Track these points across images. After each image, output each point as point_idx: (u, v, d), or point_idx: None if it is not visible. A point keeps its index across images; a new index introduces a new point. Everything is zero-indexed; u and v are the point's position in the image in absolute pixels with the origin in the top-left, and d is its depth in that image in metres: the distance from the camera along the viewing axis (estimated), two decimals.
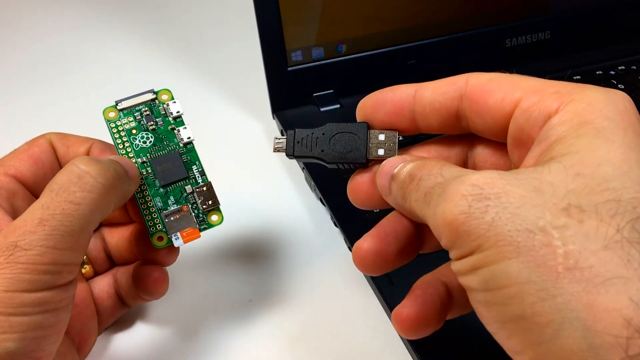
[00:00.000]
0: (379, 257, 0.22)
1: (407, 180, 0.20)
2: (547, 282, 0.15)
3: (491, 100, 0.20)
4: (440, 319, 0.23)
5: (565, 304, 0.14)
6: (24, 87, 0.51)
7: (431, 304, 0.22)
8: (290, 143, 0.23)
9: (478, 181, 0.17)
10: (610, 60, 0.46)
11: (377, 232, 0.23)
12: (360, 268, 0.23)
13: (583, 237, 0.15)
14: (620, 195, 0.16)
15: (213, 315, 0.31)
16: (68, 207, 0.21)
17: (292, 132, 0.23)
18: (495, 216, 0.16)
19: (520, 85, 0.20)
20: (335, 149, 0.23)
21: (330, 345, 0.30)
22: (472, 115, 0.21)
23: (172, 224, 0.27)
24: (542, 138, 0.18)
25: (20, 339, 0.19)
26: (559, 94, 0.19)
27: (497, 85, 0.20)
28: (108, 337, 0.30)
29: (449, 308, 0.23)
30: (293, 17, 0.40)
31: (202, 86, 0.50)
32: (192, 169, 0.28)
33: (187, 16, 0.60)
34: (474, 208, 0.16)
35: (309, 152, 0.23)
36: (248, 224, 0.37)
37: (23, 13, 0.62)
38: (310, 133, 0.23)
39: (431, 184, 0.19)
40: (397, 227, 0.23)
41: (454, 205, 0.17)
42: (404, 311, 0.22)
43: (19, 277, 0.19)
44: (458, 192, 0.17)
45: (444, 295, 0.23)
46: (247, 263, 0.34)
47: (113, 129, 0.28)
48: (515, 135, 0.20)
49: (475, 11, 0.44)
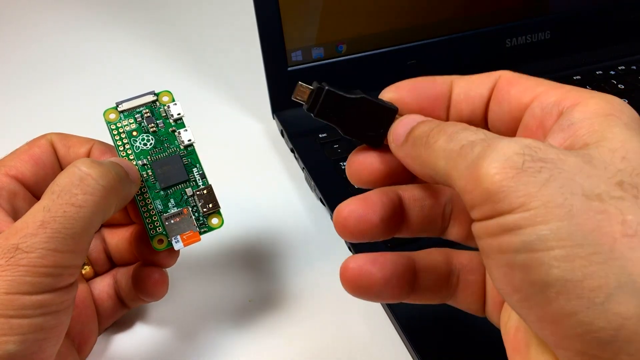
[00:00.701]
0: (361, 222, 0.22)
1: (436, 130, 0.19)
2: (603, 246, 0.14)
3: (513, 90, 0.21)
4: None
5: (621, 268, 0.14)
6: (24, 87, 0.51)
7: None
8: (315, 100, 0.21)
9: (533, 143, 0.16)
10: (610, 60, 0.46)
11: (362, 197, 0.22)
12: (341, 231, 0.22)
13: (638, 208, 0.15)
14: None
15: (213, 316, 0.31)
16: (69, 209, 0.21)
17: (323, 89, 0.21)
18: (549, 177, 0.15)
19: (543, 83, 0.20)
20: (357, 123, 0.22)
21: (330, 345, 0.30)
22: (493, 104, 0.21)
23: (173, 226, 0.27)
24: (564, 126, 0.18)
25: (21, 341, 0.19)
26: (577, 91, 0.19)
27: (523, 80, 0.21)
28: (108, 337, 0.30)
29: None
30: (293, 17, 0.40)
31: (202, 86, 0.50)
32: (192, 172, 0.28)
33: (188, 16, 0.60)
34: (527, 165, 0.16)
35: (331, 116, 0.22)
36: (248, 224, 0.37)
37: (23, 13, 0.61)
38: (340, 98, 0.21)
39: (472, 138, 0.17)
40: (383, 198, 0.22)
41: (505, 159, 0.16)
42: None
43: (20, 280, 0.19)
44: (511, 148, 0.16)
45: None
46: (247, 263, 0.34)
47: (113, 131, 0.28)
48: (526, 123, 0.20)
49: (475, 11, 0.44)
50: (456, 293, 0.23)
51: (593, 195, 0.15)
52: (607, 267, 0.14)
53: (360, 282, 0.22)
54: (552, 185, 0.15)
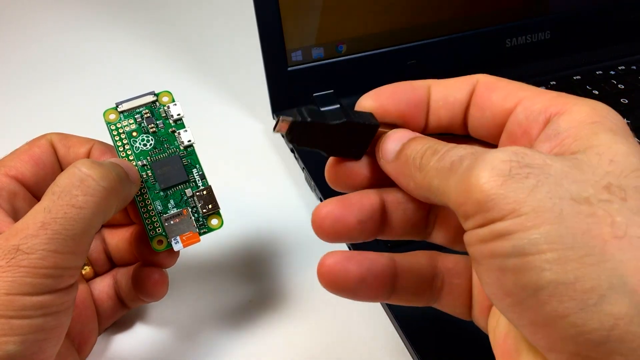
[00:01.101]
0: (339, 223, 0.21)
1: (429, 152, 0.19)
2: (594, 248, 0.15)
3: (494, 96, 0.21)
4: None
5: (613, 270, 0.14)
6: (24, 87, 0.51)
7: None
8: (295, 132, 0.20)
9: (519, 150, 0.16)
10: (610, 60, 0.46)
11: (342, 198, 0.22)
12: (318, 231, 0.22)
13: (628, 211, 0.15)
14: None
15: (213, 316, 0.31)
16: (70, 210, 0.21)
17: (301, 123, 0.20)
18: (537, 183, 0.16)
19: (525, 88, 0.20)
20: (339, 144, 0.22)
21: (330, 345, 0.30)
22: (473, 110, 0.21)
23: (172, 227, 0.27)
24: (550, 135, 0.18)
25: (21, 341, 0.19)
26: (562, 97, 0.19)
27: (503, 84, 0.21)
28: (108, 338, 0.30)
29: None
30: (293, 17, 0.40)
31: (202, 86, 0.50)
32: (192, 172, 0.28)
33: (188, 16, 0.60)
34: (514, 172, 0.16)
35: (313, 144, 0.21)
36: (248, 224, 0.37)
37: (23, 13, 0.61)
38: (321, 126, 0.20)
39: (461, 153, 0.18)
40: (363, 200, 0.22)
41: (492, 168, 0.16)
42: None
43: (21, 281, 0.19)
44: (497, 158, 0.16)
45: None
46: (247, 263, 0.34)
47: (113, 131, 0.28)
48: (511, 131, 0.20)
49: (475, 11, 0.44)
50: (441, 296, 0.23)
51: (581, 198, 0.15)
52: (599, 269, 0.14)
53: (335, 278, 0.22)
54: (540, 190, 0.15)
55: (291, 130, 0.20)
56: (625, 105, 0.41)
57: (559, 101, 0.19)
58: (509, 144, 0.21)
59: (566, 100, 0.19)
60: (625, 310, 0.14)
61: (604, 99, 0.42)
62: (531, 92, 0.20)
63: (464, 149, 0.18)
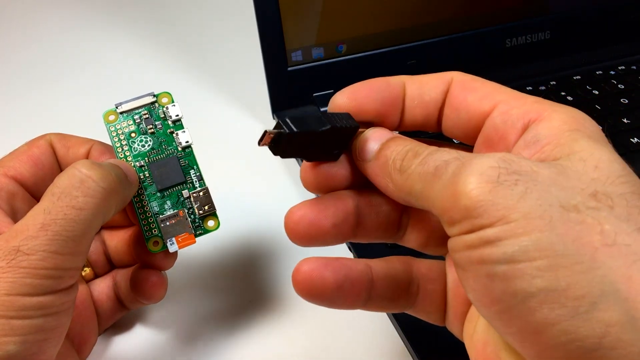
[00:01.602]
0: (313, 227, 0.21)
1: (410, 154, 0.19)
2: (584, 255, 0.15)
3: (470, 98, 0.20)
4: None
5: (604, 277, 0.14)
6: (24, 87, 0.51)
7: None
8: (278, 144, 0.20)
9: (506, 156, 0.16)
10: (610, 60, 0.46)
11: (315, 202, 0.21)
12: (291, 235, 0.21)
13: (616, 219, 0.15)
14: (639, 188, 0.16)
15: (213, 317, 0.31)
16: (70, 212, 0.21)
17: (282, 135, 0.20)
18: (526, 190, 0.15)
19: (501, 90, 0.20)
20: (319, 148, 0.21)
21: (330, 345, 0.30)
22: (448, 111, 0.21)
23: (168, 229, 0.27)
24: (529, 142, 0.18)
25: (21, 342, 0.19)
26: (540, 103, 0.19)
27: (479, 85, 0.21)
28: (108, 338, 0.30)
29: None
30: (293, 17, 0.40)
31: (202, 86, 0.50)
32: (189, 173, 0.28)
33: (188, 16, 0.60)
34: (503, 179, 0.16)
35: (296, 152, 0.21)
36: (248, 224, 0.37)
37: (23, 13, 0.61)
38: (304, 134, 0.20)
39: (446, 158, 0.18)
40: (337, 203, 0.21)
41: (480, 174, 0.16)
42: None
43: (21, 282, 0.19)
44: (485, 164, 0.16)
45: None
46: (247, 263, 0.34)
47: (112, 132, 0.28)
48: (487, 134, 0.20)
49: (475, 11, 0.44)
50: (416, 302, 0.23)
51: (570, 206, 0.15)
52: (590, 276, 0.14)
53: (311, 285, 0.21)
54: (530, 197, 0.15)
55: (277, 143, 0.20)
56: (625, 105, 0.41)
57: (537, 107, 0.19)
58: (485, 148, 0.20)
59: (544, 107, 0.19)
60: (617, 317, 0.14)
61: (603, 99, 0.42)
62: (508, 96, 0.20)
63: (448, 153, 0.18)
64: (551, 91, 0.43)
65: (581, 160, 0.17)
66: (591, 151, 0.17)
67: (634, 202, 0.16)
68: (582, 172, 0.16)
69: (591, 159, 0.17)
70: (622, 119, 0.40)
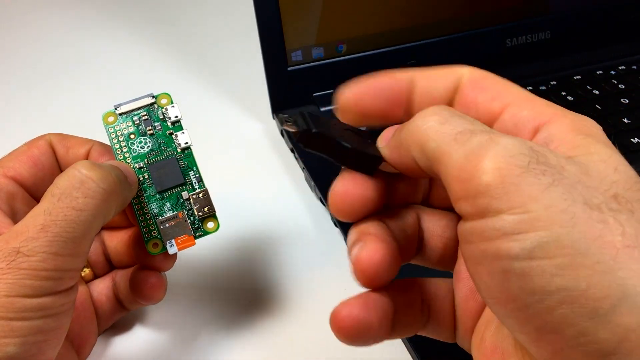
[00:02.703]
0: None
1: (429, 111, 0.18)
2: (606, 255, 0.14)
3: (481, 97, 0.20)
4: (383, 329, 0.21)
5: (626, 279, 0.14)
6: (24, 87, 0.51)
7: (381, 311, 0.20)
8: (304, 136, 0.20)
9: (536, 146, 0.16)
10: (610, 60, 0.46)
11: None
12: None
13: (637, 222, 0.15)
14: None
15: (213, 317, 0.31)
16: (70, 213, 0.21)
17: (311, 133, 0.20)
18: (553, 182, 0.15)
19: (512, 91, 0.19)
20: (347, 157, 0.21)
21: (330, 346, 0.30)
22: (457, 107, 0.20)
23: (167, 230, 0.27)
24: (543, 142, 0.18)
25: (21, 343, 0.19)
26: (551, 107, 0.19)
27: (490, 84, 0.20)
28: (107, 339, 0.30)
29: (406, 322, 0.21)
30: (293, 17, 0.40)
31: (202, 86, 0.50)
32: (189, 175, 0.28)
33: (187, 16, 0.60)
34: (532, 166, 0.15)
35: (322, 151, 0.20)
36: (248, 224, 0.37)
37: (23, 13, 0.61)
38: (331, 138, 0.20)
39: (470, 127, 0.17)
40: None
41: (511, 156, 0.15)
42: (344, 310, 0.20)
43: (21, 283, 0.19)
44: (516, 146, 0.16)
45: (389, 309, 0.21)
46: (247, 263, 0.34)
47: (112, 134, 0.28)
48: None
49: (475, 11, 0.44)
50: (428, 323, 0.22)
51: (593, 204, 0.15)
52: (611, 278, 0.14)
53: (357, 331, 0.20)
54: (556, 190, 0.15)
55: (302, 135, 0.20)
56: (625, 105, 0.41)
57: (549, 111, 0.18)
58: None
59: (555, 111, 0.18)
60: (636, 322, 0.14)
61: (604, 99, 0.42)
62: (519, 97, 0.19)
63: (472, 124, 0.17)
64: (551, 91, 0.43)
65: (602, 161, 0.16)
66: (610, 154, 0.17)
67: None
68: (605, 173, 0.16)
69: (610, 161, 0.16)
70: (622, 119, 0.40)
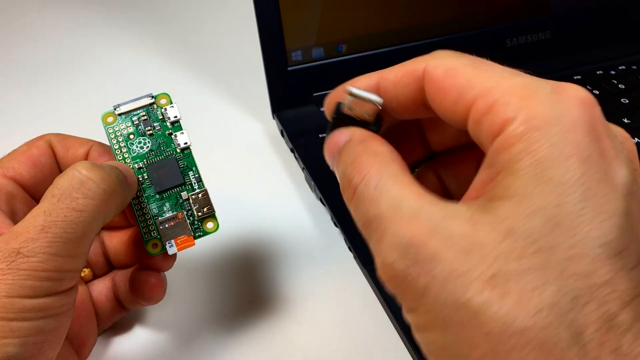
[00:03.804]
0: None
1: (345, 182, 0.18)
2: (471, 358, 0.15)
3: (446, 103, 0.18)
4: None
5: None
6: (23, 87, 0.51)
7: None
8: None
9: (413, 240, 0.16)
10: (610, 60, 0.46)
11: None
12: None
13: (505, 314, 0.14)
14: (549, 259, 0.14)
15: (213, 317, 0.31)
16: (70, 214, 0.21)
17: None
18: (426, 284, 0.15)
19: (474, 83, 0.17)
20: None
21: (330, 346, 0.30)
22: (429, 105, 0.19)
23: (167, 231, 0.27)
24: (490, 162, 0.17)
25: (21, 343, 0.19)
26: (511, 96, 0.16)
27: (451, 82, 0.18)
28: (107, 340, 0.30)
29: None
30: (293, 17, 0.40)
31: (202, 86, 0.50)
32: (188, 175, 0.28)
33: (187, 16, 0.60)
34: (408, 271, 0.16)
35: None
36: (248, 224, 0.37)
37: (23, 13, 0.61)
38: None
39: (369, 214, 0.17)
40: None
41: (393, 262, 0.16)
42: None
43: (21, 284, 0.19)
44: (393, 250, 0.16)
45: None
46: (247, 264, 0.34)
47: (111, 134, 0.28)
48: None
49: (475, 11, 0.44)
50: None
51: (461, 303, 0.15)
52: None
53: None
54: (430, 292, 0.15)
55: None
56: (625, 105, 0.41)
57: (505, 107, 0.16)
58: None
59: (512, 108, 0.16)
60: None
61: (604, 99, 0.42)
62: (479, 92, 0.17)
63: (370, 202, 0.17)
64: None
65: (497, 223, 0.15)
66: (520, 198, 0.15)
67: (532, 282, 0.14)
68: (489, 246, 0.15)
69: (511, 218, 0.15)
70: (622, 118, 0.40)
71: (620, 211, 0.15)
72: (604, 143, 0.16)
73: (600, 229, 0.15)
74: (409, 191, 0.17)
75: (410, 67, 0.19)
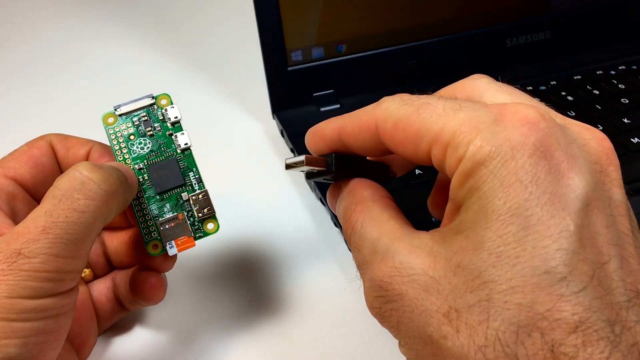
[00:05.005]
0: None
1: (345, 234, 0.20)
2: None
3: (407, 152, 0.19)
4: None
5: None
6: (24, 87, 0.51)
7: None
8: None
9: (382, 282, 0.18)
10: (610, 60, 0.46)
11: None
12: None
13: (459, 348, 0.15)
14: (492, 292, 0.15)
15: (213, 317, 0.31)
16: (72, 214, 0.21)
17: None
18: (398, 320, 0.17)
19: (424, 131, 0.18)
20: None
21: (330, 345, 0.30)
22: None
23: (167, 232, 0.27)
24: (451, 196, 0.18)
25: (22, 344, 0.19)
26: (457, 136, 0.17)
27: (403, 135, 0.18)
28: (107, 340, 0.30)
29: None
30: (293, 17, 0.40)
31: (202, 86, 0.50)
32: (189, 176, 0.28)
33: (187, 16, 0.60)
34: (383, 310, 0.18)
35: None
36: (248, 225, 0.37)
37: (23, 13, 0.61)
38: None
39: (358, 261, 0.19)
40: None
41: (371, 302, 0.18)
42: None
43: (22, 284, 0.19)
44: (370, 291, 0.18)
45: None
46: (247, 263, 0.34)
47: (111, 135, 0.28)
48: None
49: (475, 11, 0.44)
50: None
51: (426, 337, 0.16)
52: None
53: None
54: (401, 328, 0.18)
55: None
56: (625, 105, 0.41)
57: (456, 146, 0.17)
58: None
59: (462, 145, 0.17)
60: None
61: (604, 99, 0.42)
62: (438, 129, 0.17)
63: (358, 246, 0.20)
64: (551, 91, 0.43)
65: (449, 259, 0.16)
66: (469, 233, 0.16)
67: (480, 316, 0.15)
68: (444, 281, 0.16)
69: (459, 253, 0.16)
70: (622, 118, 0.40)
71: (569, 230, 0.15)
72: (555, 157, 0.16)
73: (542, 256, 0.15)
74: (385, 230, 0.19)
75: (364, 121, 0.20)
